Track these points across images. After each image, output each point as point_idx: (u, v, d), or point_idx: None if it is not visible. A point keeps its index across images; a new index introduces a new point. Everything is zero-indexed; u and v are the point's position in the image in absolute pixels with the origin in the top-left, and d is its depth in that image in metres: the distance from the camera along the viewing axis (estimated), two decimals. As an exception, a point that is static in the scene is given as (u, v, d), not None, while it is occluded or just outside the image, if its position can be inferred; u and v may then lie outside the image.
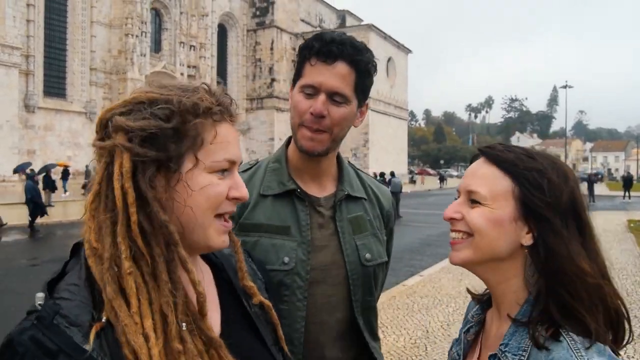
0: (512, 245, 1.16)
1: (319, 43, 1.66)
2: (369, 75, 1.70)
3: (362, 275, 1.77)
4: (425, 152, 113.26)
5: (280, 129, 54.35)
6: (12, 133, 32.91)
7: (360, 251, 1.77)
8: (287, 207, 1.77)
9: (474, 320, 1.35)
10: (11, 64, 32.86)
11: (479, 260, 1.19)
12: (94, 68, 39.79)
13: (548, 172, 1.15)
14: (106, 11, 40.80)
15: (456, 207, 1.22)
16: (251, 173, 1.86)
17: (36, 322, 0.91)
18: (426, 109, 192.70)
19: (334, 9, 70.14)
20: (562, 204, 1.13)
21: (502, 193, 1.16)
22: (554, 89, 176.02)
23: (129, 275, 0.94)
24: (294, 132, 1.74)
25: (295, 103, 1.70)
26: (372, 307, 1.83)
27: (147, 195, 0.97)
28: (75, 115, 38.79)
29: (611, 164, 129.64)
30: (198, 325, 1.00)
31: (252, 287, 1.21)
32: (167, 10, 46.07)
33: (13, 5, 33.58)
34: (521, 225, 1.15)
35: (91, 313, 0.94)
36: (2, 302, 8.47)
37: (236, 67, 55.65)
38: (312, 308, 1.72)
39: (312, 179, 1.82)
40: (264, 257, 1.71)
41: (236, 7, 54.89)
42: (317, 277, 1.74)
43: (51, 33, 37.65)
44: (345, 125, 1.70)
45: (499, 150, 1.21)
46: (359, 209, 1.84)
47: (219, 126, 1.06)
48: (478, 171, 1.21)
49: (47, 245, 15.44)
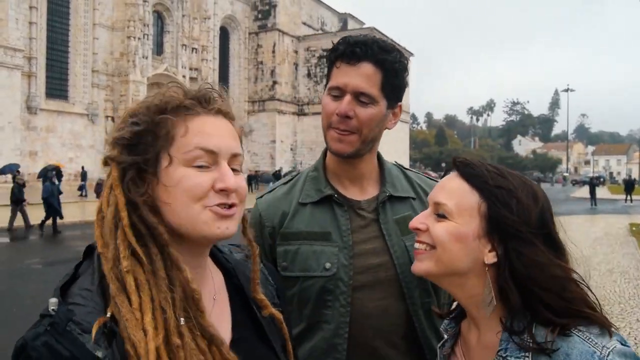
0: (474, 262, 1.16)
1: (344, 45, 1.66)
2: (396, 75, 1.68)
3: (416, 277, 1.69)
4: (426, 155, 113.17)
5: (281, 131, 54.42)
6: (14, 135, 32.99)
7: (410, 252, 1.71)
8: (326, 213, 1.76)
9: (448, 334, 1.35)
10: (14, 66, 32.95)
11: (440, 274, 1.20)
12: (96, 70, 39.87)
13: (517, 191, 1.16)
14: (108, 14, 40.89)
15: (422, 219, 1.24)
16: (292, 184, 1.88)
17: (49, 329, 0.92)
18: (428, 112, 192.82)
19: (336, 12, 70.23)
20: (531, 223, 1.13)
21: (468, 208, 1.17)
22: (555, 92, 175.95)
23: (127, 273, 0.97)
24: (324, 135, 1.74)
25: (324, 105, 1.71)
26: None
27: (134, 199, 1.02)
28: (77, 117, 38.86)
29: (613, 167, 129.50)
30: (198, 322, 1.00)
31: (263, 299, 1.19)
32: (169, 12, 46.14)
33: (16, 7, 33.66)
34: (484, 242, 1.16)
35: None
36: (3, 303, 8.46)
37: (238, 69, 55.73)
38: (361, 313, 1.70)
39: (352, 182, 1.81)
40: (305, 264, 1.72)
41: (238, 10, 55.00)
42: (363, 282, 1.71)
43: (53, 35, 37.74)
44: (374, 125, 1.69)
45: (472, 165, 1.21)
46: (406, 208, 1.81)
47: (192, 119, 1.06)
48: (448, 184, 1.23)
49: (46, 247, 15.44)
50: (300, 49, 57.45)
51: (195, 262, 1.10)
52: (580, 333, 1.07)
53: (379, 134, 1.75)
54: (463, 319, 1.32)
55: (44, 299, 1.00)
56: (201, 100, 1.09)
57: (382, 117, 1.70)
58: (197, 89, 1.11)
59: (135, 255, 0.99)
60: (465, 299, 1.22)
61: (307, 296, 1.72)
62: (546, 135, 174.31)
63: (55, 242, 16.27)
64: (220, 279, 1.20)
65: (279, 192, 1.88)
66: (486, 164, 1.23)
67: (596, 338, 1.06)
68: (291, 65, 56.74)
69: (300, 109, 56.93)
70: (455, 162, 1.25)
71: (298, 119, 56.86)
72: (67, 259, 12.26)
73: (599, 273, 11.09)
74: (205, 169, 1.04)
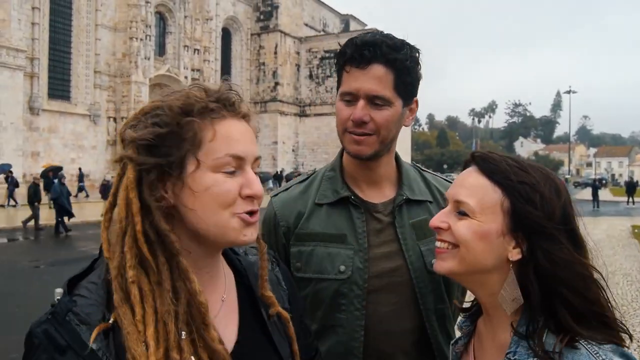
0: (498, 259, 1.14)
1: (351, 48, 1.61)
2: (409, 72, 1.63)
3: (430, 282, 1.70)
4: (428, 156, 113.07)
5: (283, 132, 54.37)
6: (16, 135, 32.99)
7: (425, 257, 1.69)
8: (342, 215, 1.73)
9: (462, 332, 1.34)
10: (16, 67, 32.95)
11: (463, 272, 1.17)
12: (98, 71, 39.84)
13: (540, 186, 1.12)
14: (111, 14, 40.91)
15: (443, 217, 1.21)
16: (307, 183, 1.85)
17: (50, 317, 0.97)
18: (429, 114, 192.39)
19: (338, 14, 70.24)
20: (555, 218, 1.10)
21: (491, 206, 1.13)
22: (557, 94, 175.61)
23: (132, 284, 0.96)
24: (341, 139, 1.71)
25: (338, 111, 1.68)
26: (446, 316, 1.76)
27: (149, 204, 0.99)
28: (79, 118, 38.86)
29: (615, 169, 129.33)
30: (202, 335, 0.99)
31: (271, 297, 1.18)
32: (172, 14, 46.15)
33: (18, 8, 33.67)
34: (508, 239, 1.13)
35: (103, 313, 0.97)
36: (5, 303, 8.46)
37: (240, 70, 55.71)
38: (375, 317, 1.68)
39: (369, 185, 1.77)
40: (319, 266, 1.69)
41: (240, 11, 55.00)
42: (377, 285, 1.69)
43: (56, 36, 37.74)
44: (392, 126, 1.66)
45: (492, 160, 1.17)
46: (422, 212, 1.77)
47: (219, 123, 1.04)
48: (468, 180, 1.19)
49: (45, 247, 15.44)
50: (302, 50, 57.41)
51: (209, 263, 1.10)
52: (589, 347, 1.04)
53: (397, 134, 1.71)
54: (479, 317, 1.30)
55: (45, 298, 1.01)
56: (225, 103, 1.07)
57: (398, 117, 1.67)
58: (218, 90, 1.09)
59: (143, 264, 0.98)
60: (485, 297, 1.19)
61: (320, 298, 1.70)
62: (548, 137, 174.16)
63: (59, 241, 16.27)
64: (231, 279, 1.20)
65: (294, 191, 1.85)
66: (506, 157, 1.19)
67: (604, 354, 1.03)
68: (293, 67, 56.70)
69: (302, 110, 56.87)
70: (474, 156, 1.21)
71: (300, 120, 56.80)
72: (74, 259, 12.27)
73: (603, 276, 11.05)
74: (232, 175, 1.03)
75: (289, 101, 55.58)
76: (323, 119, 54.35)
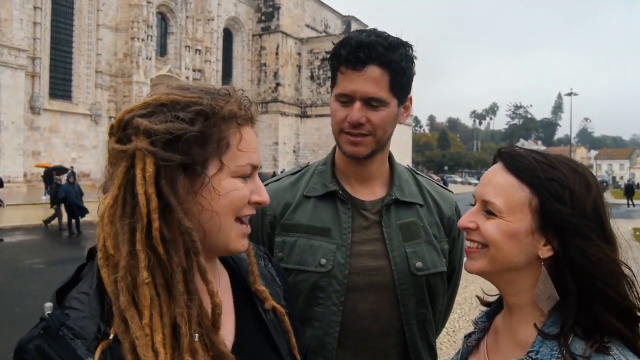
0: (528, 258, 1.12)
1: (346, 50, 1.59)
2: (404, 73, 1.62)
3: (412, 285, 1.69)
4: (429, 158, 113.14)
5: (284, 133, 54.41)
6: (17, 134, 33.05)
7: (410, 259, 1.68)
8: (328, 209, 1.73)
9: (477, 327, 1.32)
10: (17, 66, 33.01)
11: (494, 271, 1.16)
12: (100, 71, 39.92)
13: (569, 181, 1.09)
14: (112, 14, 40.97)
15: (471, 217, 1.19)
16: (299, 176, 1.84)
17: (42, 332, 0.91)
18: (430, 115, 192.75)
19: (340, 15, 70.27)
20: (586, 214, 1.08)
21: (519, 205, 1.11)
22: (558, 96, 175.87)
23: (145, 285, 0.90)
24: (336, 139, 1.71)
25: (333, 112, 1.67)
26: (428, 320, 1.74)
27: (170, 201, 0.93)
28: (80, 117, 38.92)
29: (616, 171, 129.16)
30: (210, 337, 0.97)
31: (264, 291, 1.18)
32: (173, 14, 46.21)
33: (20, 7, 33.75)
34: (538, 237, 1.11)
35: (98, 325, 0.93)
36: (6, 302, 8.46)
37: (241, 71, 55.78)
38: (352, 314, 1.67)
39: (360, 182, 1.77)
40: (301, 257, 1.69)
41: (242, 11, 55.05)
42: (358, 283, 1.67)
43: (57, 36, 37.82)
44: (387, 126, 1.66)
45: (519, 157, 1.15)
46: (411, 214, 1.75)
47: (243, 130, 1.05)
48: (494, 179, 1.16)
49: (43, 247, 15.45)
50: (303, 51, 57.46)
51: (211, 268, 1.10)
52: (617, 356, 1.03)
53: (392, 133, 1.72)
54: (497, 314, 1.29)
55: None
56: (246, 111, 1.08)
57: (394, 116, 1.67)
58: (237, 98, 1.07)
59: (152, 265, 0.92)
60: (512, 295, 1.18)
61: (299, 290, 1.68)
62: (549, 139, 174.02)
63: (64, 241, 16.28)
64: (225, 279, 1.18)
65: (285, 182, 1.85)
66: (533, 152, 1.16)
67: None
68: (294, 67, 56.76)
69: (303, 111, 56.93)
70: (500, 153, 1.19)
71: (301, 121, 56.86)
72: (73, 258, 12.27)
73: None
74: (245, 181, 1.05)
75: (290, 102, 55.61)
76: (324, 120, 54.37)
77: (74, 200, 17.02)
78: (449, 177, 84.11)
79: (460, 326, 7.40)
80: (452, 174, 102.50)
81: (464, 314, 8.03)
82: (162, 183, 0.94)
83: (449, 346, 6.54)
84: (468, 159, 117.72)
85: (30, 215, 21.47)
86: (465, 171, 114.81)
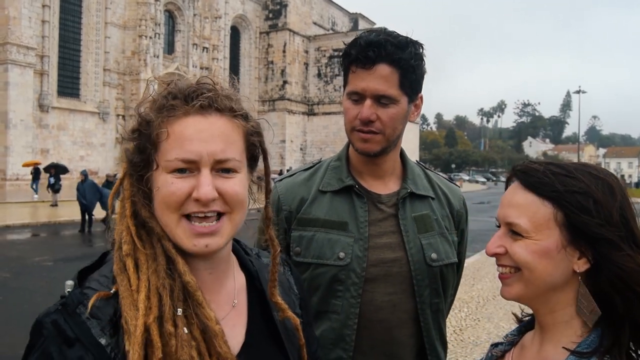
0: (564, 274, 1.08)
1: (356, 49, 1.64)
2: (413, 70, 1.66)
3: (428, 276, 1.74)
4: (436, 156, 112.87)
5: (291, 131, 54.41)
6: (26, 132, 33.24)
7: (425, 250, 1.74)
8: (345, 204, 1.77)
9: (507, 339, 1.29)
10: (26, 64, 33.20)
11: (532, 295, 1.11)
12: (108, 69, 40.06)
13: (592, 190, 1.05)
14: (120, 12, 41.09)
15: (498, 241, 1.14)
16: (312, 171, 1.88)
17: (60, 308, 0.96)
18: (438, 113, 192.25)
19: (347, 12, 70.19)
20: (613, 222, 1.04)
21: (545, 222, 1.07)
22: (567, 94, 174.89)
23: (126, 256, 1.00)
24: (349, 137, 1.76)
25: (345, 110, 1.72)
26: (440, 310, 1.80)
27: (134, 193, 1.05)
28: (88, 115, 39.08)
29: (624, 170, 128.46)
30: (196, 312, 1.00)
31: (281, 303, 1.17)
32: (181, 12, 46.30)
33: (29, 6, 33.91)
34: (571, 251, 1.06)
35: (114, 307, 0.97)
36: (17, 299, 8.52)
37: (248, 69, 55.80)
38: (371, 306, 1.71)
39: (374, 178, 1.81)
40: (319, 251, 1.72)
41: (249, 9, 55.08)
42: (375, 274, 1.72)
43: (66, 34, 37.96)
44: (397, 124, 1.70)
45: (535, 172, 1.11)
46: (424, 207, 1.81)
47: (175, 122, 1.01)
48: (514, 199, 1.12)
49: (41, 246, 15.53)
50: (310, 48, 57.39)
51: (207, 265, 1.09)
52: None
53: (402, 130, 1.75)
54: (528, 331, 1.25)
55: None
56: (187, 97, 1.03)
57: (404, 114, 1.70)
58: (189, 85, 1.06)
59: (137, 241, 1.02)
60: (545, 315, 1.13)
61: (317, 284, 1.72)
62: (557, 137, 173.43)
63: (73, 238, 16.37)
64: (242, 282, 1.19)
65: (299, 177, 1.89)
66: (549, 165, 1.12)
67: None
68: (301, 65, 56.73)
69: (310, 108, 56.89)
70: (515, 171, 1.15)
71: (308, 119, 56.83)
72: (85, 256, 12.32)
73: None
74: (186, 176, 1.00)
75: (297, 100, 55.60)
76: (331, 117, 54.35)
77: (80, 199, 17.10)
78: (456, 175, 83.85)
79: (467, 324, 7.38)
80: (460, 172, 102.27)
81: (471, 312, 8.00)
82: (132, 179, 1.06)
83: (456, 345, 6.53)
84: (475, 157, 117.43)
85: (39, 212, 21.60)
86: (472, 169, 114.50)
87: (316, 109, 56.58)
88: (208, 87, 1.06)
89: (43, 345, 0.93)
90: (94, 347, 0.92)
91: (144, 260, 1.00)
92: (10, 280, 10.06)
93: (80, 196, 17.13)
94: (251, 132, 1.09)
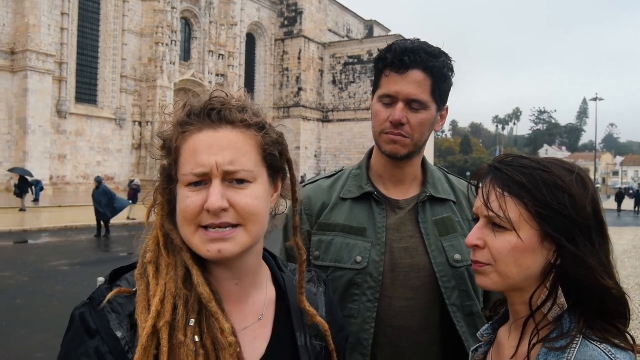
0: (542, 266, 1.11)
1: (392, 54, 1.69)
2: (445, 80, 1.71)
3: (454, 277, 1.73)
4: (451, 163, 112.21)
5: (306, 138, 54.50)
6: (44, 138, 33.66)
7: (448, 252, 1.74)
8: (364, 210, 1.80)
9: (483, 339, 1.30)
10: (45, 71, 33.66)
11: (508, 286, 1.14)
12: (125, 75, 40.50)
13: (567, 184, 1.09)
14: (137, 20, 41.55)
15: (478, 233, 1.17)
16: (335, 179, 1.94)
17: (88, 302, 1.05)
18: (453, 120, 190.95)
19: (362, 19, 70.29)
20: (586, 215, 1.07)
21: (522, 215, 1.10)
22: (584, 101, 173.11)
23: (148, 263, 1.06)
24: (376, 140, 1.79)
25: (376, 112, 1.75)
26: (475, 313, 1.76)
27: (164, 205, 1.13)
28: (105, 122, 39.49)
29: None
30: (209, 323, 1.02)
31: (309, 310, 1.18)
32: (197, 19, 46.68)
33: (48, 14, 34.42)
34: (548, 245, 1.10)
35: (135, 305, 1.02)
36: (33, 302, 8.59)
37: (264, 76, 56.07)
38: (390, 311, 1.71)
39: (395, 183, 1.84)
40: (337, 255, 1.75)
41: (265, 16, 55.40)
42: (393, 279, 1.73)
43: (84, 41, 38.47)
44: (425, 130, 1.73)
45: (508, 167, 1.14)
46: (446, 211, 1.83)
47: (189, 138, 1.06)
48: (490, 195, 1.15)
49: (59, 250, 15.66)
50: (325, 55, 57.52)
51: (233, 275, 1.12)
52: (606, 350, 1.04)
53: (428, 137, 1.78)
54: (502, 326, 1.27)
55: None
56: (201, 114, 1.07)
57: (432, 121, 1.74)
58: (203, 100, 1.10)
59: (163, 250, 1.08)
60: (519, 305, 1.16)
61: (335, 288, 1.72)
62: (574, 145, 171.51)
63: (90, 243, 16.51)
64: (272, 296, 1.21)
65: (322, 184, 1.94)
66: (523, 160, 1.15)
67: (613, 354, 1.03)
68: (316, 72, 56.86)
69: (325, 115, 56.97)
70: (490, 167, 1.18)
71: (323, 126, 56.90)
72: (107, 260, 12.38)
73: (628, 287, 10.83)
74: (200, 189, 1.04)
75: (312, 107, 55.69)
76: (346, 124, 54.37)
77: (95, 205, 17.29)
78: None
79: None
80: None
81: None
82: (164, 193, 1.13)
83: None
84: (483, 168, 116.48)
85: (56, 217, 21.83)
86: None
87: (331, 115, 56.65)
88: (221, 100, 1.09)
89: (71, 334, 1.01)
90: (110, 339, 0.98)
91: (164, 267, 1.06)
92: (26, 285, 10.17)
93: (95, 203, 17.31)
94: (268, 142, 1.11)
